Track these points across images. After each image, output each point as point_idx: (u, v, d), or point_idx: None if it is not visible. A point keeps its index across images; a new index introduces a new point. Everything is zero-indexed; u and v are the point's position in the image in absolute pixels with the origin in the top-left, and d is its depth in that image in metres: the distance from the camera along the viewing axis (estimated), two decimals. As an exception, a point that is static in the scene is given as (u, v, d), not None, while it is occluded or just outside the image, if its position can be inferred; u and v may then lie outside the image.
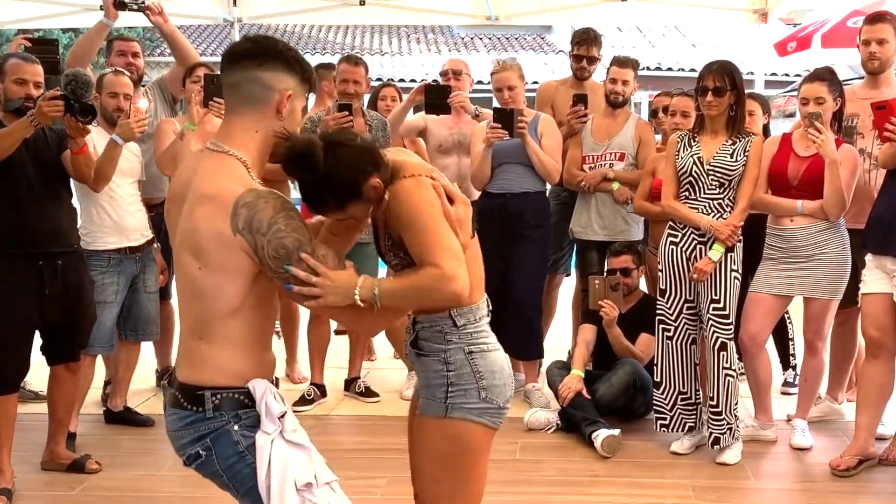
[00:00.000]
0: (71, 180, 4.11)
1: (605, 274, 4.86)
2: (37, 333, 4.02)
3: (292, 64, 2.15)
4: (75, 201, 4.25)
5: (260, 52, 2.13)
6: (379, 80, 11.66)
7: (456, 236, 2.19)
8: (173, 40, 5.24)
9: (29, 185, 3.87)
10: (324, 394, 5.12)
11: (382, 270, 5.13)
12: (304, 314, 5.34)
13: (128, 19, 6.23)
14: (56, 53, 4.58)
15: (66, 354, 4.08)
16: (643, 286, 5.11)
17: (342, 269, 2.12)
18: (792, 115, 10.24)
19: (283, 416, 2.12)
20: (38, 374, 4.38)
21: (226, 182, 2.06)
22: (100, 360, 4.72)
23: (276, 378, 2.34)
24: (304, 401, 4.98)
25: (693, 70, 14.98)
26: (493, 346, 2.36)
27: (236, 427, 2.10)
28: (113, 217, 4.39)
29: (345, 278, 2.10)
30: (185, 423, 2.13)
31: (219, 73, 2.30)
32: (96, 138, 4.26)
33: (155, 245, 4.65)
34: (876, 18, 4.50)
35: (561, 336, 5.73)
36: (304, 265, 2.05)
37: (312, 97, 5.10)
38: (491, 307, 2.40)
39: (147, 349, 5.09)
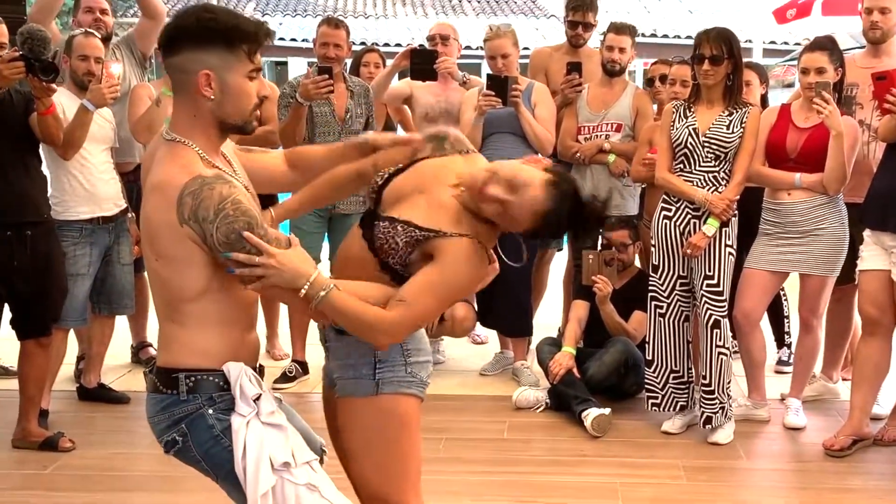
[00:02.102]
0: (41, 147, 3.96)
1: (599, 249, 4.74)
2: (6, 307, 3.91)
3: (207, 37, 1.99)
4: (45, 169, 4.09)
5: (171, 36, 2.03)
6: (363, 44, 11.47)
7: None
8: None
9: None
10: (306, 371, 5.00)
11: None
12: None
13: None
14: (23, 13, 4.43)
15: (37, 329, 3.96)
16: (638, 262, 4.99)
17: (291, 251, 2.05)
18: (791, 85, 10.13)
19: (258, 399, 2.07)
20: (9, 348, 4.25)
21: (171, 170, 1.99)
22: (72, 335, 4.61)
23: (261, 365, 2.29)
24: (285, 378, 4.87)
25: (689, 37, 14.80)
26: None
27: (210, 411, 2.06)
28: (85, 186, 4.25)
29: (297, 263, 2.03)
30: (161, 407, 2.09)
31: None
32: (66, 103, 4.10)
33: (129, 215, 4.50)
34: (878, -14, 4.38)
35: (551, 313, 5.63)
36: (248, 246, 1.97)
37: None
38: None
39: (122, 323, 4.96)
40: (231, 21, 2.00)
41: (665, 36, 17.66)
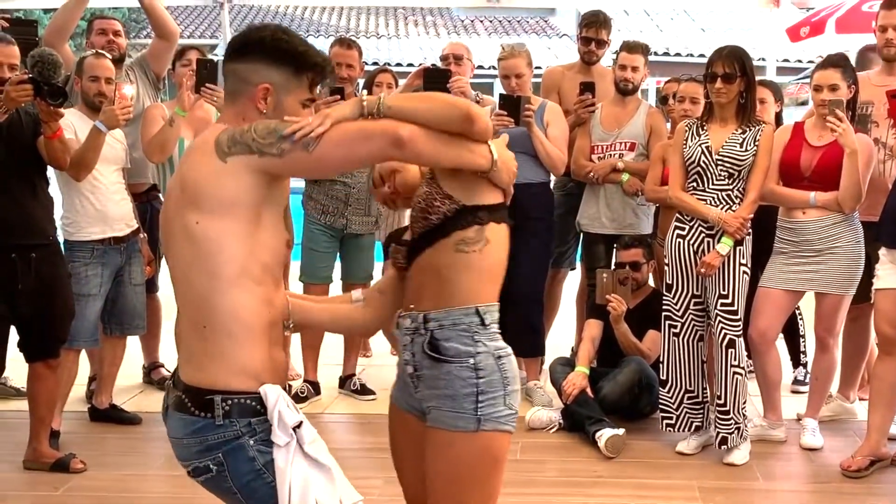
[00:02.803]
0: (49, 168, 3.97)
1: (613, 268, 4.73)
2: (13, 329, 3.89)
3: (277, 56, 2.07)
4: (53, 191, 4.10)
5: (242, 44, 2.10)
6: (375, 64, 11.49)
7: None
8: (152, 9, 5.06)
9: (2, 173, 3.73)
10: (318, 391, 4.95)
11: (378, 264, 5.04)
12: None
13: (111, -3, 6.06)
14: (35, 35, 4.43)
15: (44, 351, 3.94)
16: (651, 281, 4.96)
17: None
18: (805, 102, 10.10)
19: (298, 427, 2.01)
20: (20, 370, 4.25)
21: (205, 135, 2.06)
22: (84, 355, 4.60)
23: (290, 385, 2.24)
24: (297, 399, 4.78)
25: (702, 55, 14.84)
26: (510, 350, 2.30)
27: (251, 441, 1.99)
28: (96, 206, 4.24)
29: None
30: (192, 430, 2.01)
31: (210, 57, 2.22)
32: (78, 124, 4.11)
33: (141, 235, 4.50)
34: (892, 3, 4.38)
35: (564, 333, 5.61)
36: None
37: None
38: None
39: (133, 344, 4.95)
40: (303, 47, 2.09)
41: (678, 54, 17.64)
